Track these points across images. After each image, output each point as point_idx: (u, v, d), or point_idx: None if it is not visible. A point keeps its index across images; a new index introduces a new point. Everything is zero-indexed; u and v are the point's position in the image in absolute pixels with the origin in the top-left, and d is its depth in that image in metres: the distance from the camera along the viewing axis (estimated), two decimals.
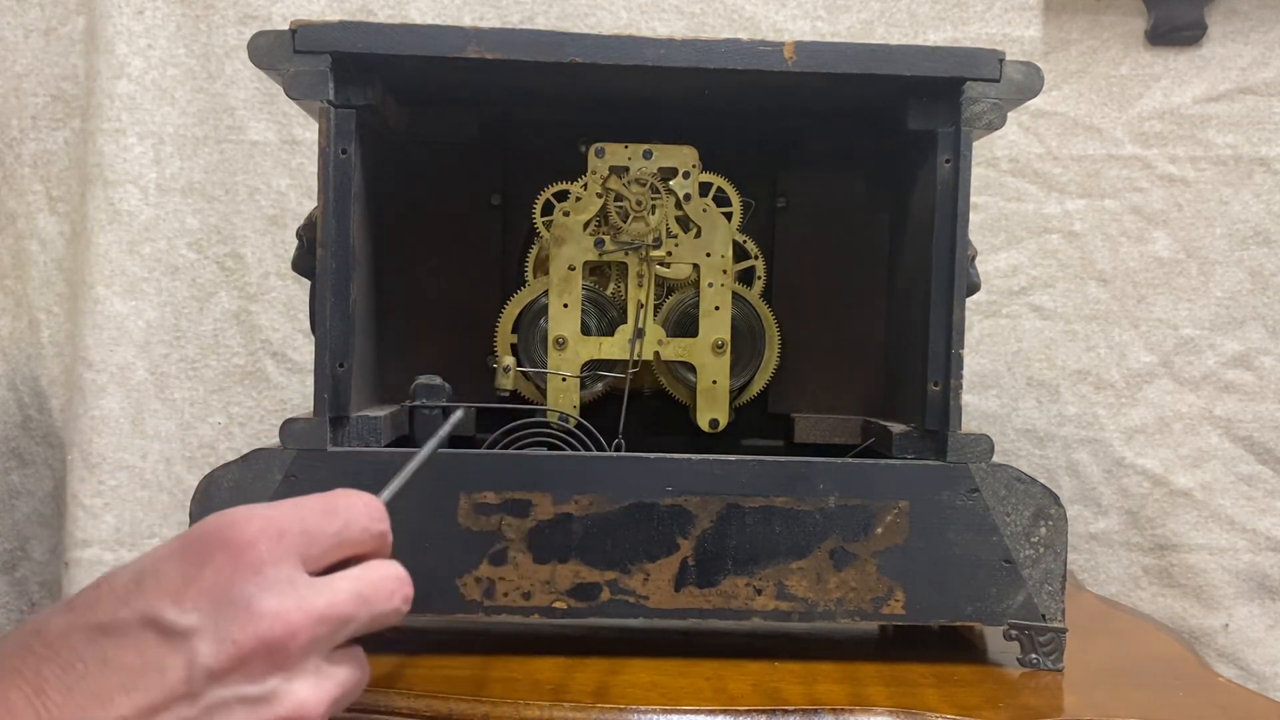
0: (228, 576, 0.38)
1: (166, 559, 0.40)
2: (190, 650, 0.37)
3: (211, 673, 0.38)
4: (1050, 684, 0.62)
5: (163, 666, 0.37)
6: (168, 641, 0.37)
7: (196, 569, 0.39)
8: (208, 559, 0.39)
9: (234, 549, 0.39)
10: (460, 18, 1.02)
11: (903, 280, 0.74)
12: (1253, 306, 1.03)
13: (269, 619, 0.38)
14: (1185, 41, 1.03)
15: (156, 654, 0.37)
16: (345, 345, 0.64)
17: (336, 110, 0.63)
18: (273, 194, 1.04)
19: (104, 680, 0.37)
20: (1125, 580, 1.05)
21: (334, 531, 0.42)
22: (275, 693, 0.39)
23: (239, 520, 0.40)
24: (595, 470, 0.62)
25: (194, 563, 0.39)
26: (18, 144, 1.04)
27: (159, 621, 0.38)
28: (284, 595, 0.39)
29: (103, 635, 0.38)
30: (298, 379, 1.05)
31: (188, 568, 0.39)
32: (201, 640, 0.38)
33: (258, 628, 0.38)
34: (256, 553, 0.39)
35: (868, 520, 0.63)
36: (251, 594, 0.38)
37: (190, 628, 0.38)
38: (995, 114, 0.64)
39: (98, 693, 0.37)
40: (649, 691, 0.57)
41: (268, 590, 0.39)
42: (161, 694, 0.37)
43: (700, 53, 0.63)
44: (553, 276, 0.74)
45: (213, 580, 0.38)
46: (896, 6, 1.03)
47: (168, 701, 0.37)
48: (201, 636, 0.38)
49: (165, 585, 0.38)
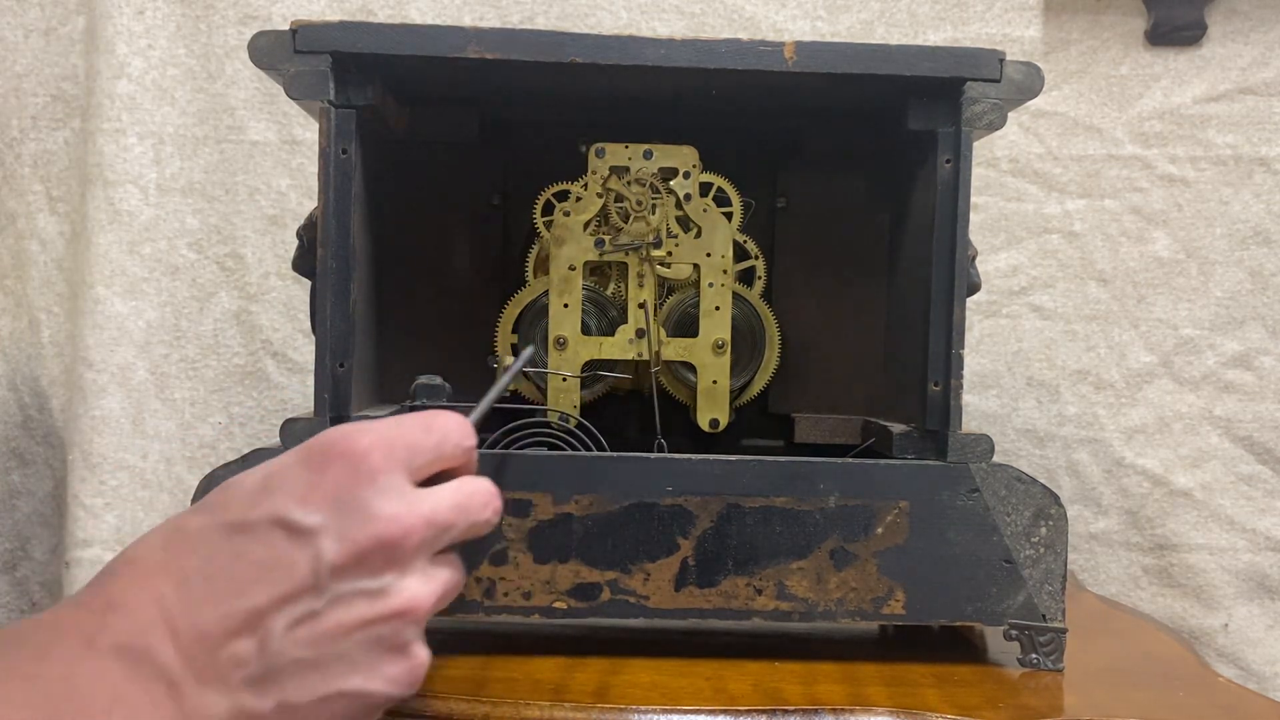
0: (346, 483, 0.42)
1: (289, 467, 0.43)
2: (315, 547, 0.41)
3: (335, 568, 0.41)
4: (1050, 684, 0.62)
5: (292, 561, 0.41)
6: (295, 539, 0.41)
7: (318, 476, 0.42)
8: (327, 467, 0.42)
9: (351, 458, 0.42)
10: (460, 18, 1.03)
11: (903, 280, 0.74)
12: (1253, 306, 1.03)
13: (385, 521, 0.42)
14: (1185, 41, 1.03)
15: (286, 550, 0.41)
16: (345, 345, 0.64)
17: (336, 110, 0.63)
18: (273, 194, 1.04)
19: (240, 573, 0.40)
20: (1125, 580, 1.05)
21: (433, 446, 0.45)
22: (390, 588, 0.42)
23: (353, 433, 0.43)
24: (595, 470, 0.63)
25: (315, 470, 0.42)
26: (18, 144, 1.04)
27: (286, 521, 0.41)
28: (396, 501, 0.43)
29: (236, 533, 0.41)
30: (298, 379, 1.05)
31: (310, 475, 0.42)
32: (325, 538, 0.41)
33: (375, 528, 0.42)
34: (371, 462, 0.43)
35: (868, 520, 0.63)
36: (368, 498, 0.42)
37: (315, 527, 0.41)
38: (995, 114, 0.64)
39: (235, 584, 0.40)
40: (649, 691, 0.57)
41: (382, 496, 0.42)
42: (291, 586, 0.41)
43: (700, 53, 0.63)
44: (553, 276, 0.74)
45: (333, 486, 0.42)
46: (896, 6, 1.03)
47: (297, 593, 0.41)
48: (325, 535, 0.41)
49: (290, 490, 0.42)
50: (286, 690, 0.41)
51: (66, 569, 1.01)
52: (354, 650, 0.42)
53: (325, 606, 0.41)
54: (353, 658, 0.42)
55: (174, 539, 0.42)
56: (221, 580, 0.40)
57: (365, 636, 0.42)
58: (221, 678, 0.39)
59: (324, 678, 0.41)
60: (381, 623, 0.42)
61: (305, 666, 0.41)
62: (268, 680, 0.40)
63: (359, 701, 0.42)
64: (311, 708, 0.41)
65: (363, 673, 0.42)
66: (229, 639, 0.40)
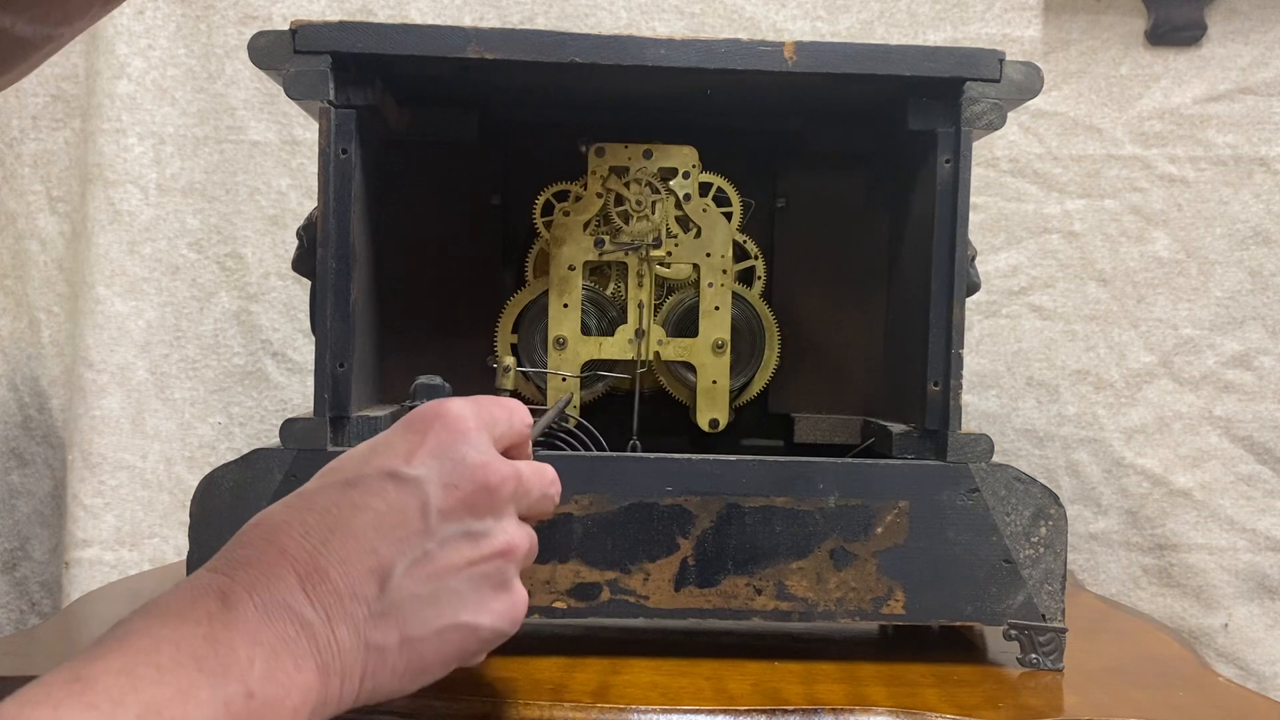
0: (446, 441, 0.47)
1: (393, 434, 0.48)
2: (424, 494, 0.46)
3: (442, 512, 0.46)
4: (1050, 684, 0.62)
5: (404, 508, 0.45)
6: (405, 488, 0.46)
7: (420, 437, 0.47)
8: (428, 429, 0.47)
9: (448, 421, 0.48)
10: (460, 18, 1.03)
11: (903, 280, 0.74)
12: (1252, 306, 1.03)
13: (483, 469, 0.47)
14: (1185, 41, 1.03)
15: (398, 498, 0.45)
16: (345, 345, 0.64)
17: (336, 110, 0.63)
18: (273, 194, 1.04)
19: (359, 522, 0.45)
20: (1125, 580, 1.05)
21: (506, 418, 0.50)
22: (490, 530, 0.47)
23: (448, 403, 0.49)
24: (595, 470, 0.62)
25: (417, 433, 0.47)
26: (18, 144, 1.04)
27: (396, 474, 0.46)
28: (490, 455, 0.48)
29: (350, 488, 0.46)
30: (298, 379, 1.05)
31: (412, 437, 0.47)
32: (431, 487, 0.46)
33: (474, 476, 0.47)
34: (466, 424, 0.48)
35: (868, 520, 0.63)
36: (466, 452, 0.47)
37: (421, 478, 0.46)
38: (995, 114, 0.64)
39: (355, 532, 0.44)
40: (649, 691, 0.57)
41: (478, 451, 0.47)
42: (406, 531, 0.45)
43: (700, 53, 0.63)
44: (553, 276, 0.74)
45: (434, 444, 0.47)
46: (896, 6, 1.03)
47: (410, 537, 0.45)
48: (431, 484, 0.46)
49: (396, 451, 0.47)
50: (407, 625, 0.45)
51: (66, 569, 1.01)
52: (463, 587, 0.46)
53: (436, 548, 0.46)
54: (463, 594, 0.46)
55: (294, 501, 0.46)
56: (341, 530, 0.44)
57: (472, 574, 0.46)
58: (349, 616, 0.43)
59: (439, 612, 0.45)
60: (485, 562, 0.47)
61: (422, 603, 0.45)
62: (390, 616, 0.44)
63: (470, 634, 0.46)
64: (429, 640, 0.45)
65: (472, 607, 0.46)
66: (354, 582, 0.44)
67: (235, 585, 0.42)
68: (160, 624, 0.39)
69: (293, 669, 0.41)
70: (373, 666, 0.44)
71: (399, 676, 0.45)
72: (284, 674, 0.40)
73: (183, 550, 0.74)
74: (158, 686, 0.36)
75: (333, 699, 0.43)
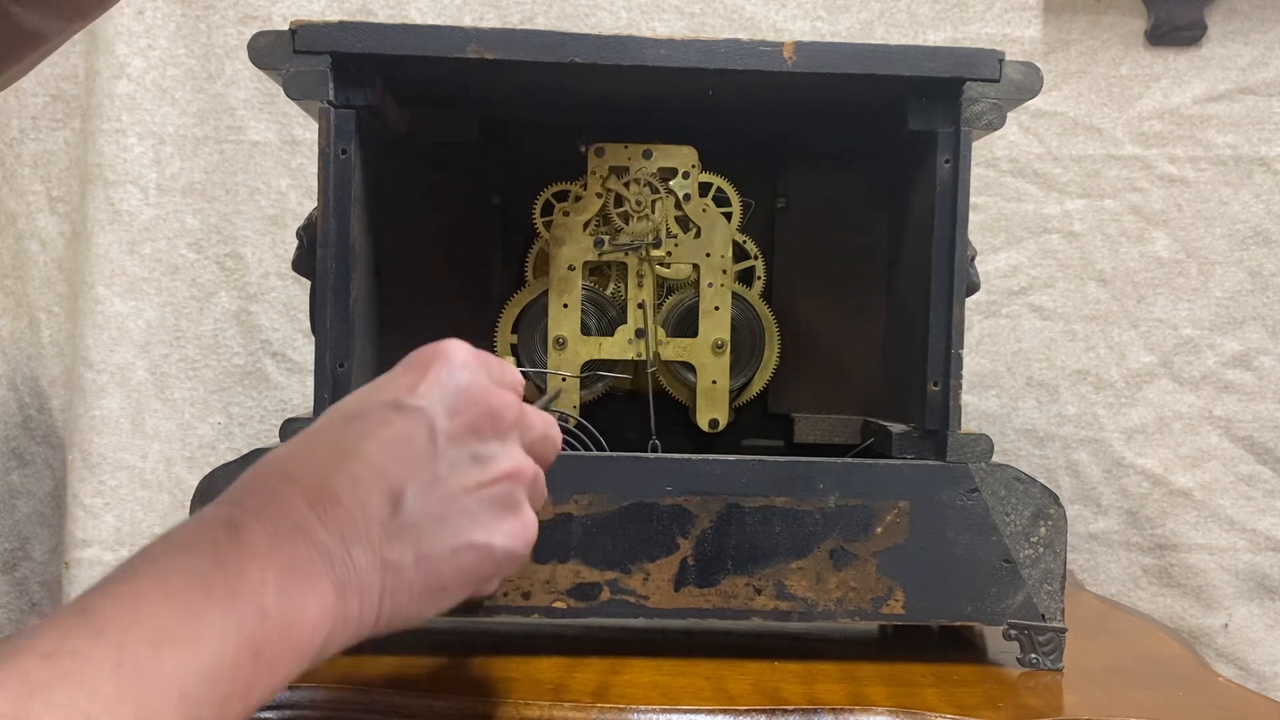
0: (447, 374, 0.48)
1: (394, 373, 0.49)
2: (429, 420, 0.46)
3: (449, 436, 0.47)
4: (1050, 684, 0.62)
5: (411, 435, 0.46)
6: (410, 416, 0.46)
7: (421, 371, 0.48)
8: (428, 364, 0.48)
9: (447, 356, 0.49)
10: (460, 18, 1.03)
11: (903, 280, 0.74)
12: (1252, 306, 1.03)
13: (485, 395, 0.48)
14: (1185, 41, 1.03)
15: (404, 426, 0.46)
16: (345, 345, 0.64)
17: (336, 110, 0.63)
18: (273, 194, 1.04)
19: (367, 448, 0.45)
20: (1125, 580, 1.05)
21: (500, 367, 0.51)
22: (497, 454, 0.48)
23: (447, 341, 0.50)
24: (595, 470, 0.63)
25: (418, 368, 0.48)
26: (18, 144, 1.04)
27: (401, 404, 0.47)
28: (491, 385, 0.49)
29: (356, 420, 0.47)
30: (298, 379, 1.05)
31: (414, 372, 0.48)
32: (436, 414, 0.47)
33: (478, 401, 0.48)
34: (464, 358, 0.49)
35: (868, 520, 0.63)
36: (469, 381, 0.48)
37: (426, 406, 0.47)
38: (995, 114, 0.64)
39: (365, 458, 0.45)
40: (649, 691, 0.57)
41: (480, 379, 0.49)
42: (414, 455, 0.46)
43: (700, 53, 0.63)
44: (553, 276, 0.74)
45: (435, 377, 0.48)
46: (896, 6, 1.03)
47: (419, 461, 0.46)
48: (436, 412, 0.47)
49: (399, 385, 0.48)
50: (421, 543, 0.45)
51: (66, 569, 1.01)
52: (474, 508, 0.47)
53: (445, 471, 0.46)
54: (474, 514, 0.47)
55: (298, 439, 0.47)
56: (350, 456, 0.45)
57: (482, 496, 0.47)
58: (363, 536, 0.43)
59: (452, 531, 0.46)
60: (494, 484, 0.47)
61: (435, 522, 0.46)
62: (404, 536, 0.45)
63: (484, 553, 0.47)
64: (445, 558, 0.46)
65: (484, 527, 0.47)
66: (366, 504, 0.44)
67: (243, 513, 0.41)
68: (166, 555, 0.39)
69: (307, 587, 0.41)
70: (390, 584, 0.44)
71: (417, 596, 0.45)
72: (298, 592, 0.40)
73: None
74: (167, 612, 0.36)
75: (352, 619, 0.43)
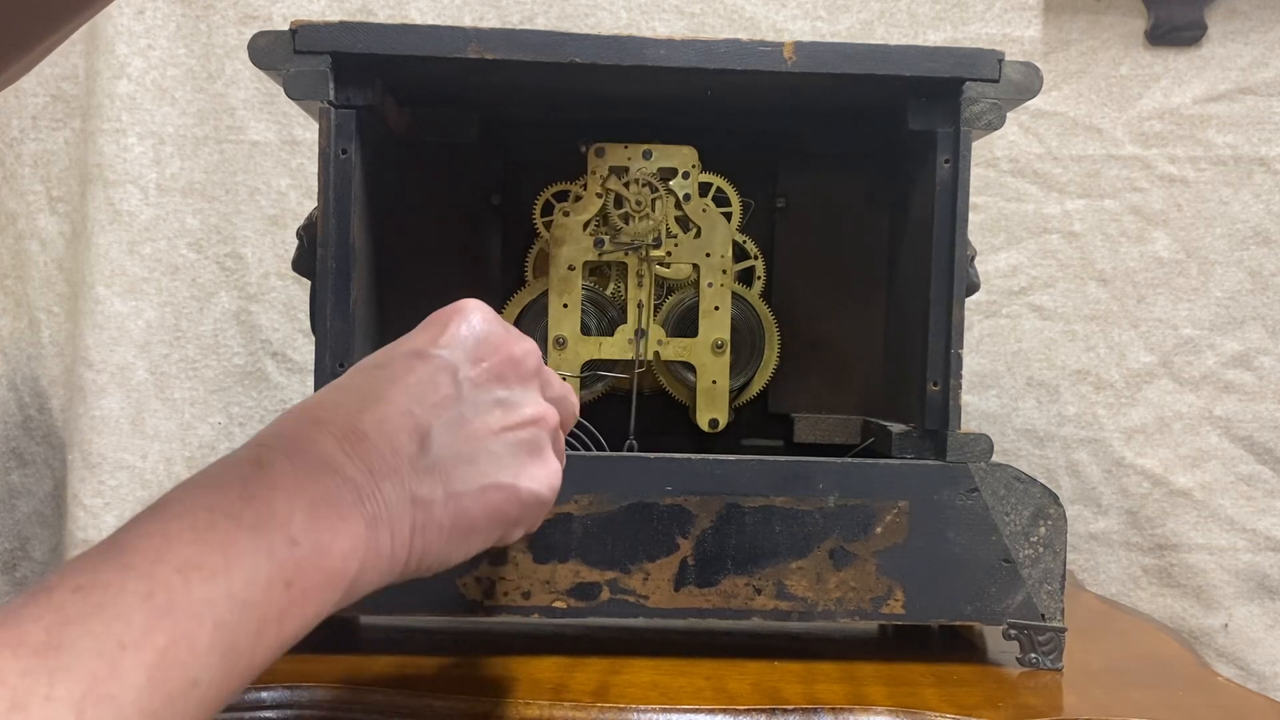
0: (466, 326, 0.49)
1: (415, 331, 0.50)
2: (453, 366, 0.48)
3: (473, 380, 0.48)
4: (1050, 684, 0.62)
5: (435, 379, 0.47)
6: (434, 362, 0.47)
7: (440, 327, 0.49)
8: (447, 320, 0.49)
9: (464, 311, 0.50)
10: (460, 18, 1.03)
11: (903, 280, 0.74)
12: (1253, 306, 1.03)
13: (507, 344, 0.49)
14: (1185, 41, 1.03)
15: (429, 370, 0.47)
16: (345, 345, 0.64)
17: (336, 110, 0.63)
18: (273, 194, 1.04)
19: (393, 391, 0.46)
20: (1125, 580, 1.05)
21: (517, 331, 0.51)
22: (521, 400, 0.49)
23: (465, 301, 0.51)
24: (595, 470, 0.63)
25: (437, 324, 0.49)
26: (18, 144, 1.04)
27: (423, 353, 0.48)
28: (510, 335, 0.50)
29: (380, 369, 0.48)
30: (298, 379, 1.05)
31: (433, 328, 0.49)
32: (460, 360, 0.48)
33: (499, 349, 0.49)
34: (483, 313, 0.50)
35: (867, 520, 0.63)
36: (489, 330, 0.49)
37: (448, 356, 0.48)
38: (995, 114, 0.64)
39: (391, 400, 0.45)
40: (649, 691, 0.57)
41: (499, 330, 0.50)
42: (439, 396, 0.47)
43: (700, 53, 0.63)
44: (553, 276, 0.74)
45: (454, 330, 0.49)
46: (896, 6, 1.03)
47: (445, 402, 0.47)
48: (459, 358, 0.48)
49: (420, 337, 0.49)
50: (451, 480, 0.46)
51: None
52: (501, 450, 0.48)
53: (470, 412, 0.47)
54: (500, 456, 0.48)
55: (322, 389, 0.48)
56: (375, 399, 0.45)
57: (508, 439, 0.48)
58: (393, 471, 0.44)
59: (480, 470, 0.47)
60: (520, 428, 0.48)
61: (463, 460, 0.46)
62: (435, 471, 0.45)
63: (511, 494, 0.48)
64: (473, 496, 0.46)
65: (510, 469, 0.48)
66: (394, 441, 0.44)
67: (269, 451, 0.41)
68: (194, 492, 0.39)
69: (337, 518, 0.41)
70: (421, 520, 0.44)
71: (446, 535, 0.46)
72: (327, 524, 0.40)
73: None
74: (195, 543, 0.36)
75: (384, 553, 0.43)
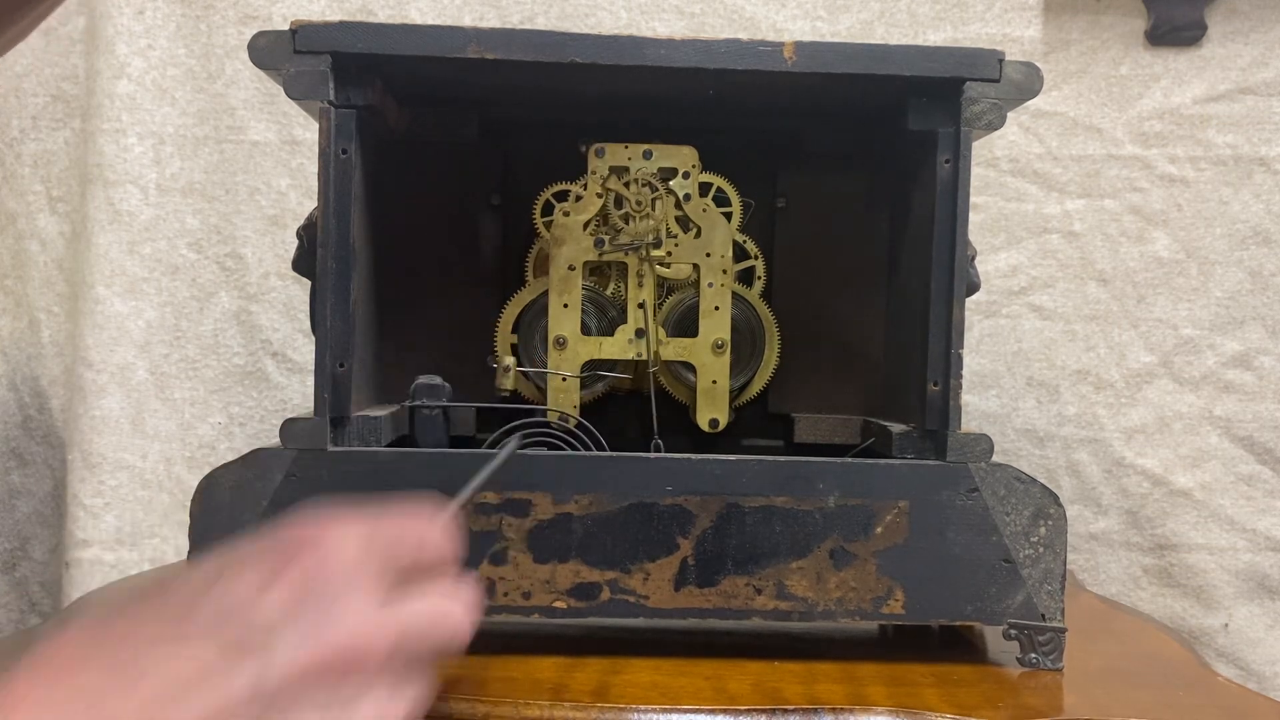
0: (314, 575, 0.38)
1: (253, 550, 0.39)
2: (264, 652, 0.36)
3: (286, 677, 0.36)
4: (1050, 684, 0.62)
5: (228, 671, 0.36)
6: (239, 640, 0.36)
7: (283, 563, 0.38)
8: (298, 555, 0.38)
9: (322, 549, 0.38)
10: (460, 18, 1.03)
11: (903, 280, 0.74)
12: (1253, 306, 1.03)
13: (348, 632, 0.37)
14: (1185, 41, 1.03)
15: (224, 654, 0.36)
16: (345, 345, 0.64)
17: (336, 110, 0.63)
18: (273, 194, 1.04)
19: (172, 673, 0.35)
20: (1125, 580, 1.05)
21: (411, 552, 0.42)
22: (351, 702, 0.38)
23: (329, 524, 0.39)
24: (595, 470, 0.63)
25: (282, 557, 0.38)
26: (18, 144, 1.04)
27: (235, 613, 0.37)
28: (365, 609, 0.38)
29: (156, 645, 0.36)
30: (298, 379, 1.05)
31: (274, 561, 0.38)
32: (278, 640, 0.36)
33: (337, 637, 0.37)
34: (345, 555, 0.38)
35: (867, 520, 0.63)
36: (335, 597, 0.37)
37: (268, 624, 0.36)
38: (995, 114, 0.64)
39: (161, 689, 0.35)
40: (649, 691, 0.57)
41: (351, 597, 0.38)
42: (222, 700, 0.35)
43: (700, 53, 0.63)
44: (553, 276, 0.74)
45: (299, 577, 0.38)
46: (896, 6, 1.03)
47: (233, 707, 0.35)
48: (278, 636, 0.36)
49: (249, 577, 0.38)
50: None
51: (66, 569, 1.01)
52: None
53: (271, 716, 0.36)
54: None
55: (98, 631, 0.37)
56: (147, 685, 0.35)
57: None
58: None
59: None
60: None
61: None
62: None
63: None
64: None
65: None
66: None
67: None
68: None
69: None
70: None
71: None
72: None
73: (182, 550, 0.74)
74: None
75: None
